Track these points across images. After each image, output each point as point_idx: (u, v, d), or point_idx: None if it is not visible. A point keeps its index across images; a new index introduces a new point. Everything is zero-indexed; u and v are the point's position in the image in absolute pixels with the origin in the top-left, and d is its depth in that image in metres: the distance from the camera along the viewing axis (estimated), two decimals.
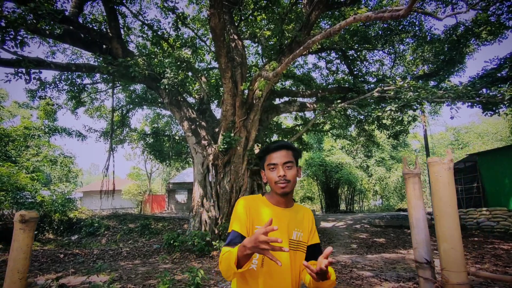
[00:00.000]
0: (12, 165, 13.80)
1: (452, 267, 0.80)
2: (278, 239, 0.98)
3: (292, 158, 1.40)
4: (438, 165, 0.83)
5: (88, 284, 4.54)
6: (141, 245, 10.27)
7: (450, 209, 0.81)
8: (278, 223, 1.36)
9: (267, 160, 1.41)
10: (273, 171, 1.37)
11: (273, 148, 1.41)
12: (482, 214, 11.14)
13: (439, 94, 7.33)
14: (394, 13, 3.59)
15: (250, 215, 1.37)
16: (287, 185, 1.35)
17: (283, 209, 1.41)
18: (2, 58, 6.40)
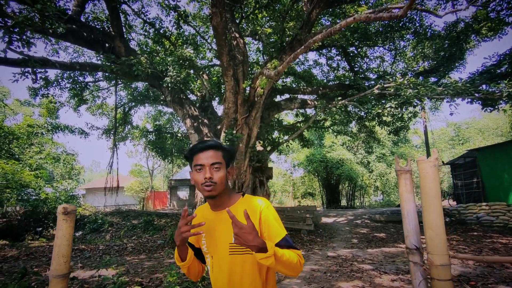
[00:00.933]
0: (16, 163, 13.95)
1: (435, 251, 0.93)
2: (199, 232, 1.18)
3: (221, 159, 1.30)
4: (425, 163, 0.95)
5: (97, 277, 4.70)
6: (145, 240, 10.43)
7: (435, 201, 0.93)
8: (216, 228, 1.32)
9: (194, 160, 1.31)
10: (200, 173, 1.28)
11: (199, 148, 1.31)
12: (481, 209, 11.27)
13: (439, 90, 7.43)
14: (393, 13, 3.68)
15: (198, 223, 1.31)
16: (213, 188, 1.26)
17: (216, 212, 1.34)
18: (9, 58, 6.53)
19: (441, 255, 0.91)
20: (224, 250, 1.27)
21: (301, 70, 14.29)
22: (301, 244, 8.25)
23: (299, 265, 1.22)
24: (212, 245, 1.32)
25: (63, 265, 0.92)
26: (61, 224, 0.94)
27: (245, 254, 1.25)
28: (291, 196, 34.77)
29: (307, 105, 11.00)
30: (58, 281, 0.92)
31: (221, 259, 1.28)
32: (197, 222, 1.26)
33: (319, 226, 11.66)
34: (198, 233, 1.21)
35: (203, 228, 1.27)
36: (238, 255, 1.25)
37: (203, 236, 1.35)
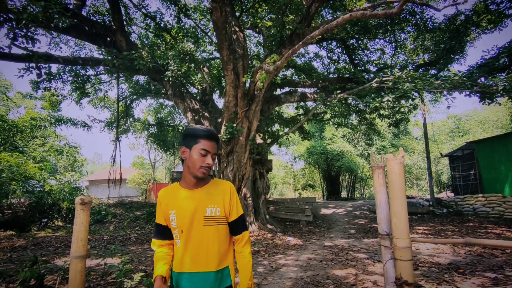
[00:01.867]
0: (20, 155, 14.16)
1: (399, 236, 1.08)
2: None
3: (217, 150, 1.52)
4: (392, 160, 1.10)
5: (103, 265, 4.92)
6: (148, 231, 10.69)
7: (400, 193, 1.08)
8: (190, 203, 1.45)
9: (201, 144, 1.44)
10: (204, 157, 1.43)
11: (209, 136, 1.46)
12: (478, 200, 11.46)
13: (436, 84, 7.52)
14: (388, 11, 3.78)
15: (164, 205, 1.50)
16: (207, 171, 1.45)
17: (193, 190, 1.49)
18: (13, 54, 6.65)
19: (403, 239, 1.07)
20: (199, 223, 1.43)
21: (301, 62, 14.33)
22: (299, 235, 8.48)
23: (250, 258, 1.54)
24: (183, 219, 1.43)
25: (81, 248, 1.09)
26: (79, 213, 1.11)
27: (218, 225, 1.46)
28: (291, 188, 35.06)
29: (307, 98, 11.10)
30: (78, 261, 1.09)
31: (196, 231, 1.43)
32: (163, 203, 1.50)
33: (318, 217, 11.89)
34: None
35: (173, 206, 1.46)
36: (212, 226, 1.45)
37: (171, 214, 1.46)
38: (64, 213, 14.42)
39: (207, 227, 1.44)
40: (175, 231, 1.47)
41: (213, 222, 1.45)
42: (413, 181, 31.39)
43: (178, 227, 1.45)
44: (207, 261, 1.42)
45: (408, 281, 1.06)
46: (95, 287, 4.10)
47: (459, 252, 5.50)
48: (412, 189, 31.60)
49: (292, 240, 7.48)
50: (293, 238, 7.75)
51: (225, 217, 1.49)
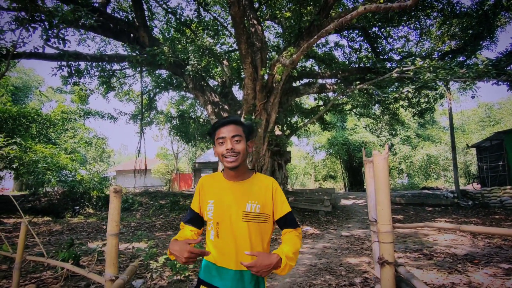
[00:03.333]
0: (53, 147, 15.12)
1: (382, 222, 1.23)
2: (206, 252, 1.20)
3: (241, 132, 1.40)
4: (378, 156, 1.24)
5: (131, 249, 5.34)
6: (172, 219, 11.22)
7: (383, 186, 1.23)
8: (229, 196, 1.39)
9: (216, 135, 1.41)
10: (222, 145, 1.38)
11: (221, 123, 1.41)
12: (506, 192, 11.06)
13: (460, 73, 7.29)
14: (402, 3, 3.76)
15: (203, 192, 1.45)
16: (235, 159, 1.36)
17: (234, 182, 1.43)
18: (46, 53, 7.16)
19: (385, 225, 1.22)
20: (237, 217, 1.36)
21: (322, 52, 14.16)
22: (317, 224, 8.63)
23: (300, 243, 1.44)
24: (221, 212, 1.38)
25: (115, 227, 1.33)
26: (112, 199, 1.35)
27: (259, 223, 1.38)
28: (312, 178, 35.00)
29: (326, 90, 11.05)
30: (113, 237, 1.34)
31: (233, 226, 1.35)
32: (203, 189, 1.45)
33: (337, 207, 11.94)
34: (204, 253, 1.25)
35: (213, 195, 1.41)
36: (250, 222, 1.36)
37: (209, 203, 1.40)
38: (94, 201, 15.32)
39: (246, 223, 1.36)
40: (210, 222, 1.41)
41: (253, 219, 1.37)
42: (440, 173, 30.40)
43: (214, 219, 1.39)
44: (238, 259, 1.33)
45: (389, 260, 1.22)
46: (124, 267, 4.49)
47: (478, 244, 5.46)
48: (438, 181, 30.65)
49: (309, 230, 7.65)
50: (311, 228, 7.92)
51: (266, 214, 1.41)
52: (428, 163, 25.54)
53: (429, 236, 6.35)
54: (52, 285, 3.79)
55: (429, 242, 5.83)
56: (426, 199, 13.28)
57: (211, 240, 1.40)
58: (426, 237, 6.33)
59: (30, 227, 3.92)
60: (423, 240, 5.98)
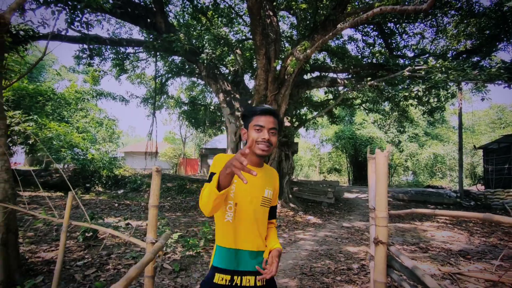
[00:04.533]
0: (67, 125, 15.55)
1: (379, 208, 1.48)
2: (252, 171, 1.01)
3: (277, 126, 1.43)
4: (380, 154, 1.48)
5: (145, 226, 5.71)
6: (179, 201, 11.63)
7: (382, 179, 1.46)
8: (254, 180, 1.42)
9: (254, 120, 1.41)
10: (259, 133, 1.39)
11: (262, 111, 1.42)
12: (509, 195, 11.19)
13: (471, 75, 7.36)
14: (418, 6, 3.89)
15: None
16: (268, 149, 1.40)
17: (255, 168, 1.46)
18: (69, 36, 7.41)
19: (382, 211, 1.47)
20: (257, 201, 1.41)
21: (335, 45, 14.14)
22: (320, 215, 8.93)
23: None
24: (241, 194, 1.39)
25: (155, 200, 1.60)
26: (154, 177, 1.62)
27: (267, 207, 1.47)
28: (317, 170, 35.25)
29: (337, 84, 11.16)
30: (153, 208, 1.61)
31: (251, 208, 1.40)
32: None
33: (340, 200, 12.21)
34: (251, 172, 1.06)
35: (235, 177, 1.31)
36: (265, 207, 1.45)
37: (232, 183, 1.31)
38: (104, 180, 15.81)
39: (261, 208, 1.44)
40: (229, 202, 1.39)
41: (266, 204, 1.46)
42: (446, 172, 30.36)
43: (234, 199, 1.39)
44: (256, 239, 1.42)
45: (382, 240, 1.48)
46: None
47: (473, 241, 5.69)
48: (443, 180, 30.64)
49: (312, 219, 7.95)
50: (313, 217, 8.22)
51: (271, 201, 1.51)
52: (434, 162, 25.53)
53: (427, 232, 6.60)
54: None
55: (426, 237, 6.08)
56: (429, 197, 13.45)
57: (228, 221, 1.38)
58: (424, 232, 6.58)
59: (46, 201, 4.16)
60: (421, 235, 6.24)
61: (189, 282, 3.31)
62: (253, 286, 1.37)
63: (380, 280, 1.55)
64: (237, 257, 1.39)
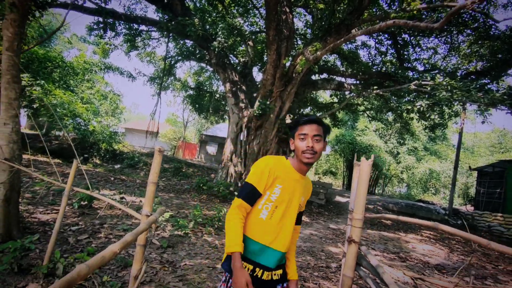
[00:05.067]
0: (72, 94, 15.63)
1: (356, 211, 1.63)
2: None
3: (321, 133, 1.50)
4: (365, 162, 1.62)
5: (138, 202, 5.88)
6: (174, 183, 11.81)
7: (363, 184, 1.60)
8: (296, 186, 1.53)
9: (299, 130, 1.50)
10: (303, 141, 1.47)
11: (305, 121, 1.50)
12: (496, 219, 11.38)
13: (475, 97, 7.46)
14: (430, 25, 3.98)
15: (274, 174, 1.47)
16: (313, 156, 1.47)
17: (301, 176, 1.55)
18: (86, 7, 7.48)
19: (359, 213, 1.62)
20: (295, 206, 1.53)
21: (347, 49, 14.17)
22: (309, 214, 9.12)
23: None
24: (285, 198, 1.49)
25: (155, 177, 1.75)
26: (156, 156, 1.76)
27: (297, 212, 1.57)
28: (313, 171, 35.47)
29: (343, 88, 11.24)
30: (152, 185, 1.76)
31: (289, 213, 1.51)
32: (272, 171, 1.47)
33: (331, 202, 12.41)
34: None
35: (283, 181, 1.49)
36: (297, 212, 1.57)
37: (277, 187, 1.48)
38: (102, 153, 15.97)
39: (295, 213, 1.55)
40: (268, 204, 1.48)
41: (299, 210, 1.58)
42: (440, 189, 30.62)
43: (275, 202, 1.48)
44: (286, 241, 1.51)
45: (355, 240, 1.63)
46: (132, 216, 5.03)
47: (452, 258, 5.88)
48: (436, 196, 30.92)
49: None
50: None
51: (302, 207, 1.62)
52: (429, 177, 25.73)
53: (409, 243, 6.79)
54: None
55: (407, 248, 6.27)
56: (418, 211, 13.67)
57: (262, 219, 1.47)
58: (406, 243, 6.77)
59: (44, 165, 4.29)
60: (403, 246, 6.43)
61: (175, 259, 3.48)
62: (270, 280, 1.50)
63: (348, 275, 1.71)
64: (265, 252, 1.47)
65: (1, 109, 2.74)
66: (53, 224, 3.91)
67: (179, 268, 3.25)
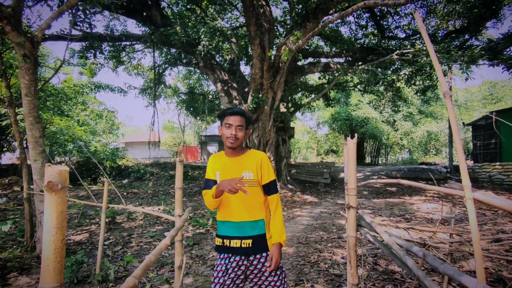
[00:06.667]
0: (68, 119, 15.90)
1: (349, 182, 2.00)
2: (245, 191, 1.59)
3: (243, 123, 1.79)
4: (350, 140, 1.99)
5: (158, 209, 6.27)
6: (183, 188, 12.20)
7: (352, 160, 1.96)
8: (229, 168, 1.82)
9: (225, 120, 1.78)
10: (228, 129, 1.76)
11: (230, 113, 1.79)
12: (495, 168, 11.82)
13: (455, 57, 7.78)
14: (397, 1, 4.29)
15: (212, 166, 1.87)
16: (235, 142, 1.76)
17: (231, 158, 1.84)
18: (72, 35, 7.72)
19: (351, 183, 1.99)
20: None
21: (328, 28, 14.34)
22: (316, 194, 9.55)
23: (280, 207, 1.92)
24: (226, 180, 1.72)
25: (180, 183, 2.12)
26: (178, 166, 2.12)
27: (252, 187, 1.78)
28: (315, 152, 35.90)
29: (330, 69, 11.53)
30: (179, 189, 2.13)
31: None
32: (213, 164, 1.86)
33: (336, 180, 12.84)
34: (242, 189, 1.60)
35: (218, 168, 1.84)
36: (253, 187, 1.79)
37: (217, 174, 1.84)
38: (108, 171, 16.32)
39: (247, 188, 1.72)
40: None
41: (252, 184, 1.79)
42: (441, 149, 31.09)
43: None
44: (243, 213, 1.77)
45: (353, 205, 2.01)
46: (153, 224, 5.43)
47: (454, 211, 6.31)
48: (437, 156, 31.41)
49: (309, 198, 8.56)
50: (310, 197, 8.84)
51: (256, 180, 1.81)
52: (428, 139, 26.15)
53: (414, 205, 7.21)
54: None
55: (412, 209, 6.69)
56: (420, 174, 14.11)
57: (221, 203, 1.82)
58: (411, 205, 7.20)
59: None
60: (408, 208, 6.85)
61: (203, 253, 3.88)
62: (239, 247, 1.75)
63: (352, 234, 2.09)
64: (225, 225, 1.80)
65: (30, 148, 3.09)
66: (87, 242, 4.31)
67: (208, 260, 3.65)
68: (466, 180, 1.05)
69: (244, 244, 1.76)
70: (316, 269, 3.32)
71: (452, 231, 2.46)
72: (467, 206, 1.02)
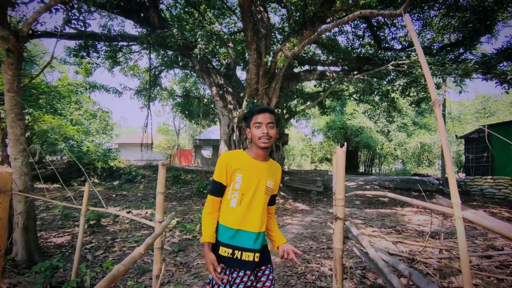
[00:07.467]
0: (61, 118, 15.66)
1: (337, 192, 1.92)
2: (223, 278, 1.50)
3: (274, 120, 1.65)
4: (339, 150, 1.91)
5: (144, 214, 6.13)
6: (175, 191, 12.04)
7: (340, 169, 1.89)
8: (257, 173, 1.64)
9: (254, 119, 1.64)
10: (259, 129, 1.62)
11: (258, 110, 1.65)
12: (486, 182, 11.87)
13: (449, 70, 7.83)
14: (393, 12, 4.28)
15: (232, 167, 1.62)
16: (269, 141, 1.63)
17: (260, 162, 1.68)
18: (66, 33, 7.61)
19: (339, 194, 1.92)
20: (261, 190, 1.64)
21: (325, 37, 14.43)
22: (308, 202, 9.46)
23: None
24: (248, 185, 1.62)
25: (162, 188, 2.02)
26: (161, 169, 2.03)
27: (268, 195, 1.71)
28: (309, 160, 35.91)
29: (326, 77, 11.55)
30: (160, 194, 2.02)
31: (257, 196, 1.63)
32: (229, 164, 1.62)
33: (329, 188, 12.76)
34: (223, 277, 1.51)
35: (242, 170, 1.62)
36: (267, 195, 1.69)
37: (238, 176, 1.62)
38: (99, 172, 16.06)
39: (264, 196, 1.66)
40: (234, 192, 1.63)
41: (268, 192, 1.68)
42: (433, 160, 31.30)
43: (241, 190, 1.61)
44: (257, 223, 1.63)
45: (340, 217, 1.93)
46: (139, 228, 5.28)
47: (445, 224, 6.27)
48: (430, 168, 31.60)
49: (300, 206, 8.47)
50: (302, 205, 8.75)
51: (272, 190, 1.73)
52: (422, 150, 26.32)
53: (405, 216, 7.16)
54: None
55: (404, 221, 6.64)
56: (413, 185, 14.12)
57: (232, 208, 1.62)
58: (403, 217, 7.15)
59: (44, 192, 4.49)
60: (399, 219, 6.80)
61: (187, 260, 3.76)
62: (252, 260, 1.60)
63: (338, 247, 2.01)
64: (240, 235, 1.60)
65: (10, 145, 2.97)
66: (68, 245, 4.16)
67: (192, 268, 3.53)
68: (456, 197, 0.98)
69: (256, 258, 1.63)
70: (303, 280, 3.23)
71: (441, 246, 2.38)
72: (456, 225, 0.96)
